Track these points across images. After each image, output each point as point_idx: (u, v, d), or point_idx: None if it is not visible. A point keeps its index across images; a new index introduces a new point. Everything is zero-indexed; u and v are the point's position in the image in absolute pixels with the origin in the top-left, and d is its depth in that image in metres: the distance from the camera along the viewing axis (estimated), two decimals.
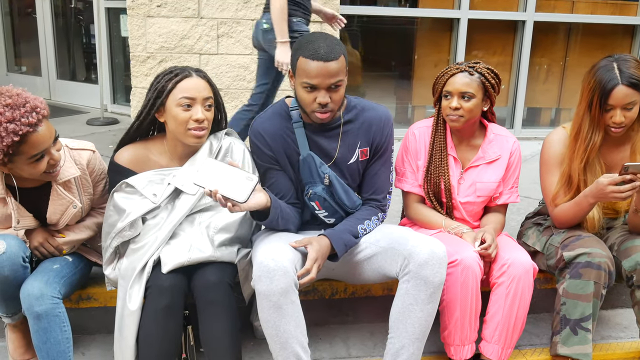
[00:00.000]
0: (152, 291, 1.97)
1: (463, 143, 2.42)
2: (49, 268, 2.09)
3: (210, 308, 1.99)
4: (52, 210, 2.11)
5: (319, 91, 2.00)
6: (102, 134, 5.06)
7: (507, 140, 2.43)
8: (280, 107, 2.21)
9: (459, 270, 2.11)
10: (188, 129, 2.05)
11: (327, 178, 2.16)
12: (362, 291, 2.54)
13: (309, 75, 1.98)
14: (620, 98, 2.17)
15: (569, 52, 5.77)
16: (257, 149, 2.18)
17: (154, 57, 4.23)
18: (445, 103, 2.31)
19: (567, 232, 2.35)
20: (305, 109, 2.07)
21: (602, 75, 2.19)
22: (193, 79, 2.07)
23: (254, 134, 2.18)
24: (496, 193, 2.41)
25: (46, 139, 1.89)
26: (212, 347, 2.01)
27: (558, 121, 5.96)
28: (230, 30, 4.26)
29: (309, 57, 1.97)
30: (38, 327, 1.97)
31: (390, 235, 2.14)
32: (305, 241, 2.03)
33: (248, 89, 4.38)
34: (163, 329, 1.96)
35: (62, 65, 6.62)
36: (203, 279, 2.01)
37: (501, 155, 2.40)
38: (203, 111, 2.05)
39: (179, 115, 2.04)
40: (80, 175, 2.13)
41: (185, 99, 2.03)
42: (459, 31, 5.23)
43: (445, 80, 2.31)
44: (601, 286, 2.18)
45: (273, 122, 2.17)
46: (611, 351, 2.51)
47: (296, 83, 2.05)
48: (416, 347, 2.05)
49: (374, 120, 2.20)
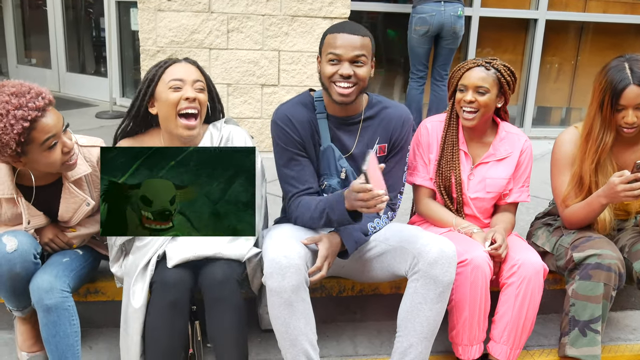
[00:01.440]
0: (157, 287, 1.97)
1: (474, 139, 2.42)
2: (58, 261, 2.10)
3: (218, 305, 1.99)
4: (64, 208, 2.11)
5: (342, 63, 2.03)
6: (111, 127, 5.04)
7: (519, 139, 2.42)
8: (304, 97, 2.22)
9: (468, 270, 2.11)
10: (179, 114, 2.03)
11: (344, 172, 2.17)
12: (370, 289, 2.53)
13: (333, 46, 2.04)
14: (632, 98, 2.15)
15: (581, 51, 5.72)
16: (285, 134, 2.14)
17: (164, 51, 4.22)
18: (459, 96, 2.31)
19: (577, 232, 2.33)
20: (326, 84, 2.08)
21: (613, 75, 2.17)
22: (181, 64, 2.09)
23: (280, 119, 2.15)
24: (506, 190, 2.41)
25: (55, 122, 1.90)
26: (220, 343, 2.01)
27: (569, 120, 5.93)
28: (240, 25, 4.25)
29: (337, 31, 2.06)
30: (47, 320, 1.97)
31: (400, 233, 2.13)
32: (317, 238, 2.03)
33: (257, 84, 4.38)
34: (169, 324, 1.96)
35: (72, 58, 6.63)
36: (210, 276, 2.00)
37: (512, 152, 2.40)
38: (193, 91, 2.04)
39: (169, 97, 2.02)
40: (92, 172, 2.13)
41: (174, 81, 2.03)
42: (470, 29, 5.20)
43: (462, 74, 2.32)
44: (611, 288, 2.16)
45: (298, 109, 2.17)
46: (620, 353, 2.50)
47: (322, 61, 2.08)
48: (424, 346, 2.05)
49: (394, 117, 2.22)
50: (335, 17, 4.32)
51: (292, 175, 2.16)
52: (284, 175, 2.18)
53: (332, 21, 4.31)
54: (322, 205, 2.05)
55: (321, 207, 2.05)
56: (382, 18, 5.47)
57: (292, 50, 4.36)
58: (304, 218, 2.12)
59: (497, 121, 2.43)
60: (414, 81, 4.68)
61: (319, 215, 2.06)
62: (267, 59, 4.35)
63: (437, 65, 4.72)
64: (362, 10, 5.11)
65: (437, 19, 4.41)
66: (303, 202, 2.12)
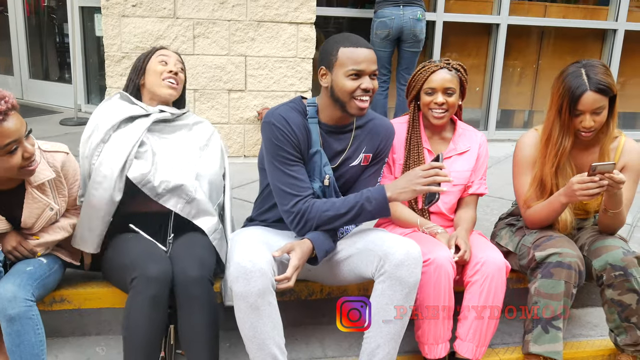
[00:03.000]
0: (139, 281, 1.98)
1: (435, 136, 2.51)
2: (22, 270, 2.06)
3: (191, 303, 2.01)
4: (27, 214, 2.08)
5: (363, 78, 2.05)
6: (76, 134, 4.95)
7: (475, 134, 2.56)
8: (296, 103, 2.19)
9: (431, 270, 2.14)
10: (163, 79, 2.37)
11: (328, 179, 2.17)
12: (338, 292, 2.55)
13: (356, 61, 2.04)
14: (589, 103, 2.21)
15: (542, 55, 5.86)
16: (283, 135, 2.08)
17: (129, 57, 4.19)
18: (428, 99, 2.38)
19: (538, 232, 2.39)
20: (344, 99, 2.07)
21: (570, 81, 2.23)
22: (167, 51, 2.46)
23: (277, 121, 2.09)
24: (469, 182, 2.50)
25: (18, 128, 1.87)
26: (192, 340, 2.02)
27: (531, 123, 6.05)
28: (206, 31, 4.24)
29: (353, 46, 2.06)
30: (11, 330, 1.94)
31: (366, 236, 2.16)
32: (288, 247, 2.03)
33: (224, 89, 4.37)
34: (149, 319, 1.97)
35: (35, 64, 6.52)
36: (183, 274, 2.03)
37: (471, 147, 2.51)
38: (176, 67, 2.40)
39: (156, 68, 2.38)
40: (55, 177, 2.11)
41: (162, 56, 2.41)
42: (435, 33, 5.28)
43: (426, 77, 2.37)
44: (572, 285, 2.22)
45: (293, 113, 2.14)
46: (582, 349, 2.56)
47: (337, 75, 2.07)
48: (391, 347, 2.07)
49: (381, 130, 2.26)
50: (301, 22, 4.35)
51: (292, 177, 2.10)
52: (281, 179, 2.10)
53: (298, 27, 4.34)
54: (352, 200, 2.05)
55: (351, 201, 2.04)
56: (347, 23, 5.51)
57: (259, 55, 4.37)
58: (323, 218, 2.07)
59: (454, 119, 2.54)
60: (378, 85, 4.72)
61: (346, 210, 2.04)
62: (234, 64, 4.35)
63: (400, 69, 4.79)
64: (327, 15, 5.16)
65: (396, 22, 4.50)
66: (317, 204, 2.08)
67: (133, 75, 2.44)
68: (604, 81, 2.20)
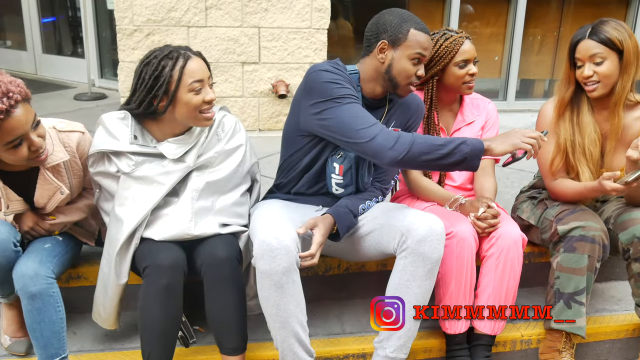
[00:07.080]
0: (151, 271, 1.94)
1: (445, 109, 2.48)
2: (40, 248, 2.06)
3: (221, 284, 1.99)
4: (39, 194, 2.06)
5: (421, 64, 2.05)
6: (90, 109, 4.98)
7: (483, 102, 2.54)
8: (339, 66, 2.08)
9: (454, 243, 2.11)
10: (200, 112, 1.99)
11: None
12: (356, 267, 2.53)
13: (423, 46, 2.02)
14: (585, 50, 2.20)
15: (563, 22, 5.71)
16: (340, 74, 1.99)
17: (141, 30, 4.13)
18: (461, 72, 2.32)
19: (561, 205, 2.34)
20: (401, 81, 2.05)
21: (576, 32, 2.25)
22: (195, 60, 1.99)
23: (332, 65, 2.02)
24: None
25: (21, 124, 1.79)
26: (223, 321, 2.02)
27: (551, 92, 5.92)
28: (218, 2, 4.17)
29: (422, 30, 2.02)
30: (32, 307, 1.94)
31: (387, 212, 2.12)
32: (311, 223, 1.99)
33: (238, 62, 4.31)
34: (164, 308, 1.94)
35: (48, 39, 6.48)
36: (212, 255, 2.00)
37: (479, 116, 2.49)
38: (212, 92, 2.02)
39: (191, 100, 1.96)
40: (70, 158, 2.08)
41: (196, 83, 1.96)
42: (452, 1, 5.16)
43: (458, 50, 2.30)
44: (595, 259, 2.18)
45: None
46: (605, 324, 2.52)
47: (401, 55, 2.01)
48: (412, 323, 2.04)
49: (412, 105, 2.22)
50: None
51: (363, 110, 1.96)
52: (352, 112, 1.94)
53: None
54: (447, 138, 1.91)
55: (447, 138, 1.90)
56: None
57: (272, 26, 4.29)
58: (419, 140, 1.87)
59: None
60: None
61: (443, 142, 1.87)
62: (247, 36, 4.28)
63: None
64: None
65: None
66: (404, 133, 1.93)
67: (144, 95, 1.96)
68: (607, 32, 2.19)
